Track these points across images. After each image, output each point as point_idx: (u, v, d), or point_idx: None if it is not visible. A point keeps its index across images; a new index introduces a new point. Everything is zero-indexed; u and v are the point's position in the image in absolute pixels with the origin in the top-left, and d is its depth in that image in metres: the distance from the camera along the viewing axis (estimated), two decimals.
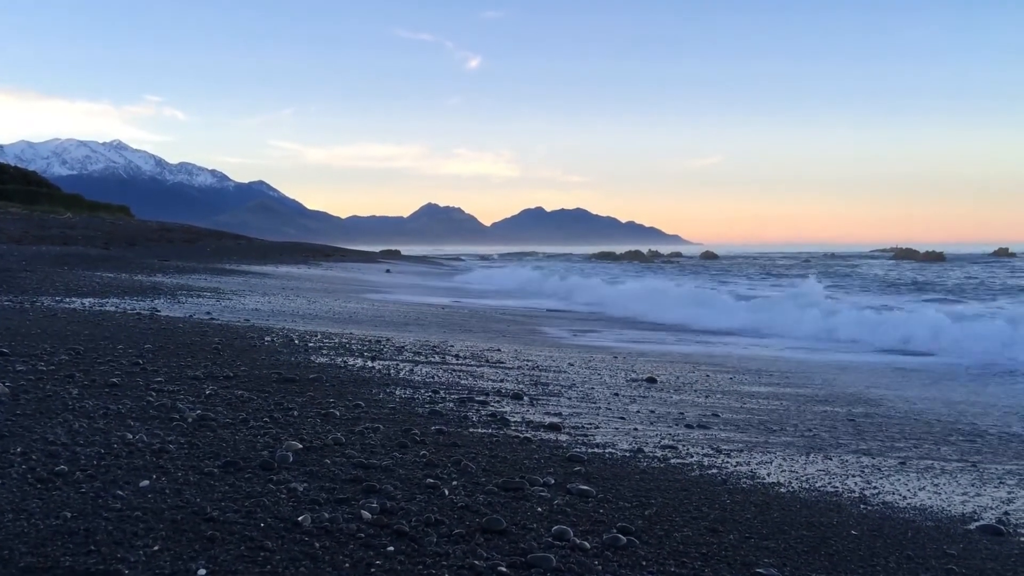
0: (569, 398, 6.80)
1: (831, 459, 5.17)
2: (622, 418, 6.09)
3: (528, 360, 9.14)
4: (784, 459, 5.07)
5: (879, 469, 4.98)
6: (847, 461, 5.14)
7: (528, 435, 5.06)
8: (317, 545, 2.85)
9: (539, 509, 3.50)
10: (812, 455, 5.26)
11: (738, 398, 7.59)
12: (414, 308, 16.80)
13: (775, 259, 67.46)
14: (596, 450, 4.86)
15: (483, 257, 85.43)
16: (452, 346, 9.82)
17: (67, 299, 12.00)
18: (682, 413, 6.51)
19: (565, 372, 8.43)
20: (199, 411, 4.77)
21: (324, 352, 8.23)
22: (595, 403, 6.67)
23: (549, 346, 11.30)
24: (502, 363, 8.69)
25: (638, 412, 6.41)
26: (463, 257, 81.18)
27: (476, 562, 2.82)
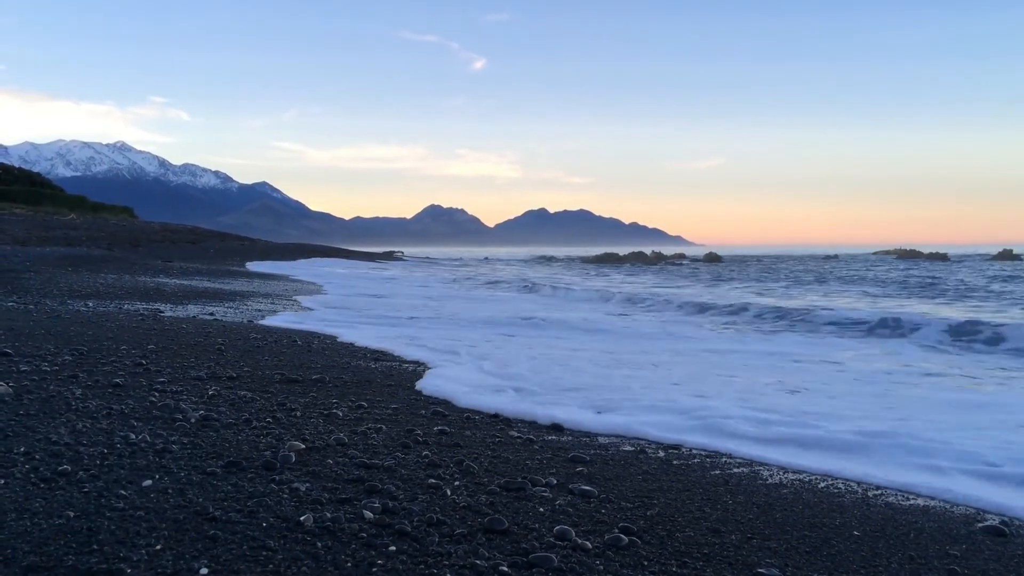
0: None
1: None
2: None
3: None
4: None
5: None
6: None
7: (531, 436, 5.06)
8: (319, 545, 2.85)
9: (541, 509, 3.50)
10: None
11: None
12: None
13: (781, 260, 67.34)
14: (598, 451, 4.85)
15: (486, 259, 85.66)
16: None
17: (71, 300, 12.03)
18: None
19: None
20: (202, 411, 4.78)
21: (327, 353, 8.24)
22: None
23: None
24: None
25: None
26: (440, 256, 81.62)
27: (478, 562, 2.82)
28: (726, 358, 9.96)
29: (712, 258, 66.37)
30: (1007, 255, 59.04)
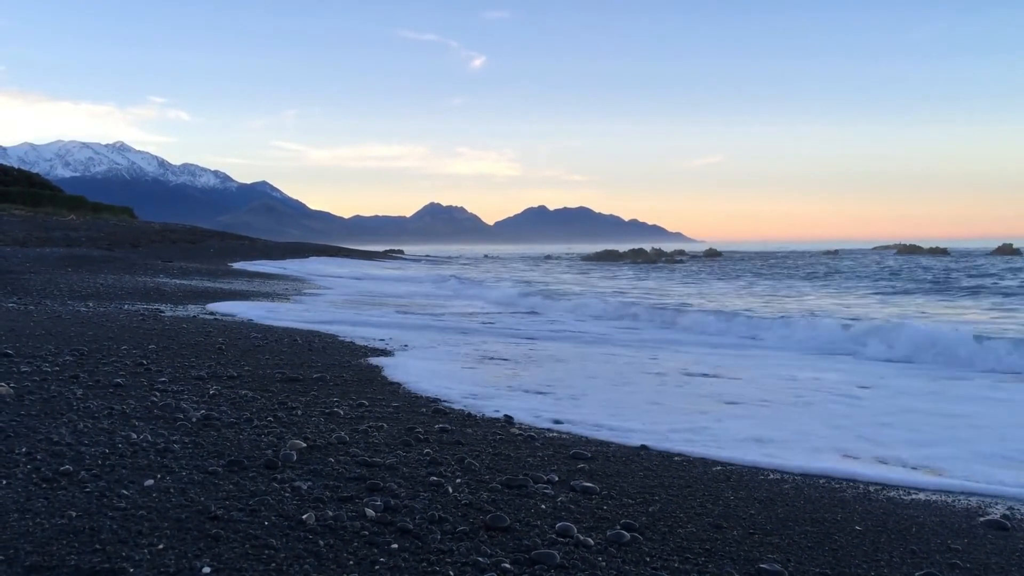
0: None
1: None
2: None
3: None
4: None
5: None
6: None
7: (532, 433, 5.06)
8: (321, 543, 2.86)
9: (543, 506, 3.50)
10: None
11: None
12: None
13: (786, 257, 67.21)
14: (600, 448, 4.85)
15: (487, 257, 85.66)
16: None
17: (71, 301, 12.03)
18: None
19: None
20: (203, 411, 4.79)
21: (327, 351, 8.23)
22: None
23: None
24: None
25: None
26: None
27: (480, 559, 2.82)
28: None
29: (712, 254, 66.33)
30: (1007, 249, 58.99)
